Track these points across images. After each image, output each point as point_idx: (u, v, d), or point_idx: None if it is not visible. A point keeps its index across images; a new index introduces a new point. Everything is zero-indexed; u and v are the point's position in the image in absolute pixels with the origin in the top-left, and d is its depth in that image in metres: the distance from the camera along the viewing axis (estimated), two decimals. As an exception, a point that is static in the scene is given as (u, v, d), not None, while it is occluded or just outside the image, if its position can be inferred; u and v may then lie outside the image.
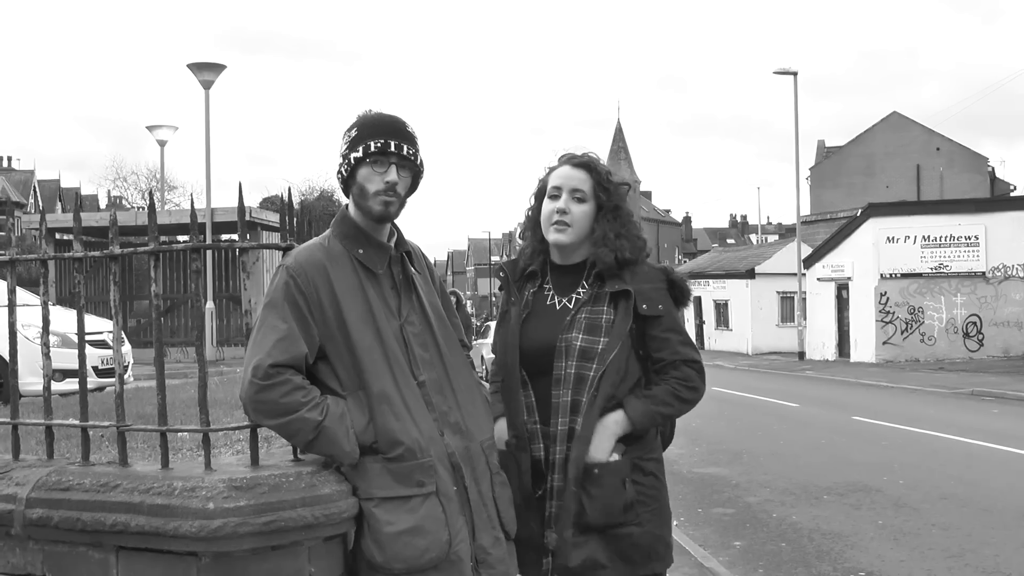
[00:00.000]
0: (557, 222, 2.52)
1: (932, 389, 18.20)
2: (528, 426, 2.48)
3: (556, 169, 2.60)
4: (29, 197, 53.82)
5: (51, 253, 2.49)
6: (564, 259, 2.60)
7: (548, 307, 2.57)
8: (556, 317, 2.53)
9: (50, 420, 2.50)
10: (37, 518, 2.23)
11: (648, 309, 2.48)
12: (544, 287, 2.61)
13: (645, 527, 2.47)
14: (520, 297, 2.59)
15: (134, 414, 3.12)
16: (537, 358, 2.50)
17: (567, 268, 2.60)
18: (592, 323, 2.49)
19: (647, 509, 2.49)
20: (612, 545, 2.44)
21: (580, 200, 2.53)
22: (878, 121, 46.52)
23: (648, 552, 2.48)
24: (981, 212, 27.13)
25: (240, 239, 2.39)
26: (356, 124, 2.33)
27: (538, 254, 2.62)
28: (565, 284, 2.59)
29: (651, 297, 2.49)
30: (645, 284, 2.51)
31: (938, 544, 6.27)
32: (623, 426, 2.46)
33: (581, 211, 2.53)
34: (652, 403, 2.47)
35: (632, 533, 2.45)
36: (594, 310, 2.50)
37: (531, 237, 2.64)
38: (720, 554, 6.12)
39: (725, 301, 38.90)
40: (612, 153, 61.90)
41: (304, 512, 2.11)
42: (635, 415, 2.45)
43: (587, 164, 2.57)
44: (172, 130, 21.73)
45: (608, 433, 2.45)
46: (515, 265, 2.67)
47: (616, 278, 2.50)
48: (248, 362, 2.18)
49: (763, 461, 9.92)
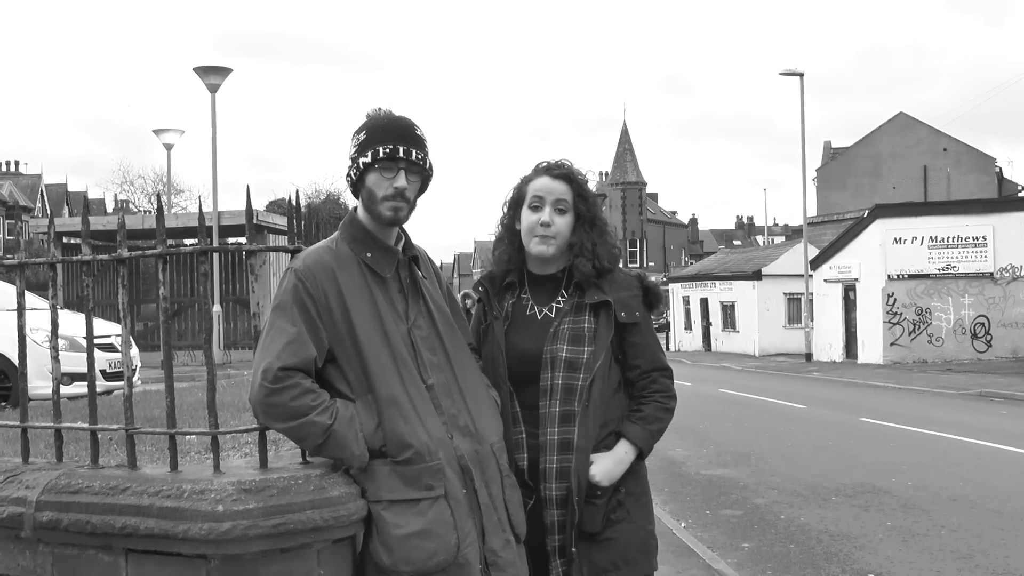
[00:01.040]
0: (542, 235, 2.55)
1: (940, 390, 18.12)
2: (514, 436, 2.51)
3: (534, 180, 2.62)
4: (36, 201, 54.07)
5: (59, 257, 2.50)
6: (542, 269, 2.64)
7: (528, 317, 2.61)
8: (538, 327, 2.57)
9: (59, 423, 2.50)
10: (47, 521, 2.24)
11: (627, 317, 2.55)
12: (522, 297, 2.64)
13: (636, 523, 2.54)
14: (500, 309, 2.61)
15: (142, 417, 3.12)
16: (522, 368, 2.53)
17: (545, 278, 2.64)
18: (575, 334, 2.53)
19: (636, 504, 2.56)
20: (609, 548, 2.49)
21: (562, 211, 2.57)
22: (885, 122, 46.40)
23: (643, 548, 2.54)
24: (989, 213, 27.01)
25: (248, 242, 2.39)
26: (365, 126, 2.32)
27: (515, 262, 2.65)
28: (544, 294, 2.63)
29: (628, 304, 2.57)
30: (623, 292, 2.57)
31: (948, 545, 6.25)
32: (632, 454, 2.54)
33: (564, 223, 2.57)
34: (647, 423, 2.56)
35: (624, 531, 2.51)
36: (576, 320, 2.55)
37: (507, 246, 2.66)
38: (728, 556, 6.11)
39: (732, 303, 38.83)
40: (618, 154, 61.86)
41: (313, 514, 2.11)
42: (640, 441, 2.54)
43: (567, 175, 2.60)
44: (179, 134, 21.79)
45: (622, 466, 2.52)
46: (492, 277, 2.69)
47: (595, 288, 2.56)
48: (257, 365, 2.18)
49: (771, 462, 9.89)
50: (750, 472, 9.33)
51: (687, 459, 9.89)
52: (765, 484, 8.62)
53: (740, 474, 9.22)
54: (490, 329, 2.61)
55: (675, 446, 10.41)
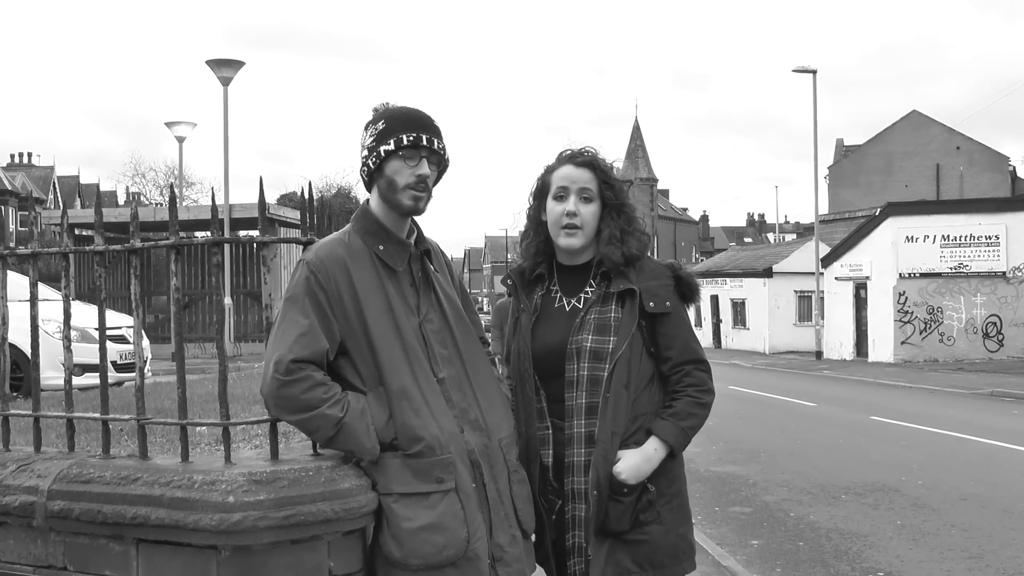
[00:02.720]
0: (568, 225, 2.49)
1: (951, 389, 18.02)
2: (540, 432, 2.46)
3: (558, 168, 2.55)
4: (49, 193, 54.29)
5: (72, 247, 2.50)
6: (571, 260, 2.57)
7: (557, 309, 2.55)
8: (566, 319, 2.51)
9: (71, 413, 2.51)
10: (58, 510, 2.24)
11: (655, 306, 2.45)
12: (551, 289, 2.59)
13: (666, 525, 2.44)
14: (529, 303, 2.56)
15: (153, 408, 3.13)
16: (549, 361, 2.48)
17: (573, 268, 2.57)
18: (601, 323, 2.46)
19: (669, 507, 2.46)
20: (636, 550, 2.41)
21: (588, 200, 2.50)
22: (897, 120, 46.13)
23: (673, 552, 2.45)
24: (1002, 211, 26.82)
25: (260, 234, 2.39)
26: (383, 117, 2.30)
27: (542, 255, 2.59)
28: (572, 284, 2.56)
29: (658, 294, 2.47)
30: (652, 281, 2.48)
31: (958, 545, 6.21)
32: (662, 452, 2.43)
33: (590, 212, 2.50)
34: (679, 420, 2.44)
35: (654, 533, 2.42)
36: (602, 310, 2.47)
37: (534, 237, 2.60)
38: (738, 553, 6.09)
39: (742, 300, 38.70)
40: (630, 151, 61.74)
41: (324, 506, 2.11)
42: (670, 438, 2.43)
43: (591, 163, 2.53)
44: (191, 126, 21.81)
45: (651, 464, 2.42)
46: (521, 270, 2.63)
47: (622, 276, 2.48)
48: (269, 357, 2.17)
49: (780, 460, 9.86)
50: (760, 469, 9.31)
51: (696, 456, 9.86)
52: (775, 482, 8.60)
53: (750, 471, 9.20)
54: (518, 323, 2.57)
55: (684, 443, 10.41)
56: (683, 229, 74.89)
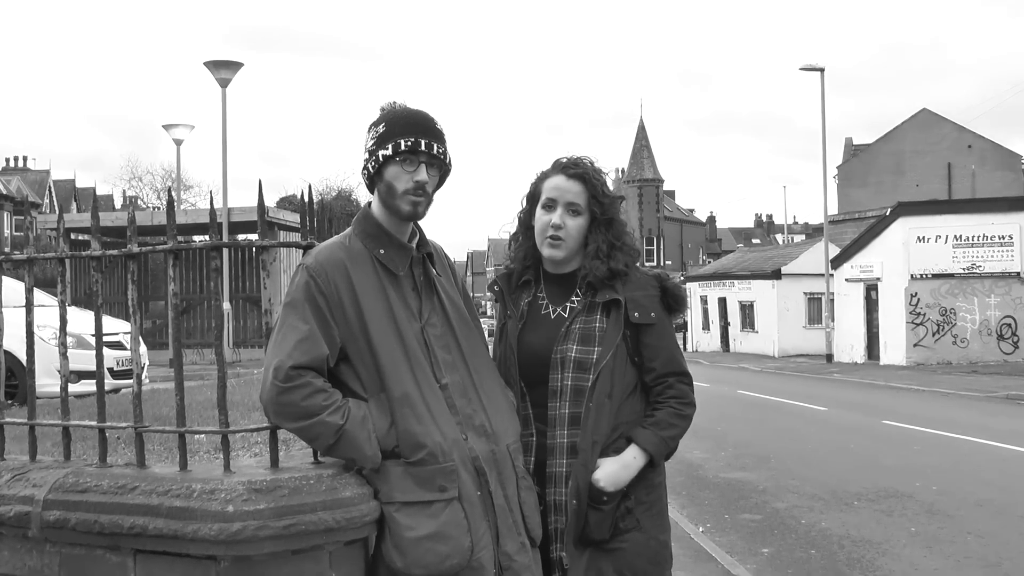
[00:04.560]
0: (551, 237, 2.50)
1: (965, 392, 17.87)
2: (524, 438, 2.45)
3: (550, 177, 2.56)
4: (44, 197, 54.34)
5: (68, 252, 2.47)
6: (557, 269, 2.59)
7: (543, 316, 2.56)
8: (551, 327, 2.52)
9: (67, 421, 2.47)
10: (54, 520, 2.21)
11: (640, 317, 2.47)
12: (539, 295, 2.59)
13: (646, 532, 2.45)
14: (516, 309, 2.57)
15: (151, 416, 3.10)
16: (533, 368, 2.48)
17: (560, 277, 2.58)
18: (586, 333, 2.47)
19: (648, 513, 2.47)
20: (617, 558, 2.41)
21: (575, 213, 2.51)
22: (907, 118, 45.93)
23: (654, 559, 2.46)
24: (1015, 211, 26.62)
25: (260, 238, 2.35)
26: (384, 119, 2.27)
27: (531, 259, 2.60)
28: (559, 293, 2.57)
29: (643, 304, 2.48)
30: (638, 291, 2.50)
31: (974, 552, 6.13)
32: (641, 460, 2.44)
33: (575, 225, 2.51)
34: (659, 429, 2.46)
35: (634, 540, 2.43)
36: (588, 320, 2.49)
37: (524, 242, 2.61)
38: (748, 561, 6.02)
39: (751, 302, 38.57)
40: (635, 151, 61.69)
41: (325, 515, 2.08)
42: (650, 447, 2.44)
43: (583, 176, 2.53)
44: (188, 129, 21.76)
45: (629, 472, 2.43)
46: (508, 276, 2.64)
47: (607, 287, 2.49)
48: (269, 363, 2.14)
49: (791, 466, 9.77)
50: (769, 475, 9.22)
51: (705, 462, 9.79)
52: (785, 488, 8.51)
53: (759, 477, 9.12)
54: (504, 329, 2.58)
55: (693, 448, 10.30)
56: (690, 230, 74.73)
